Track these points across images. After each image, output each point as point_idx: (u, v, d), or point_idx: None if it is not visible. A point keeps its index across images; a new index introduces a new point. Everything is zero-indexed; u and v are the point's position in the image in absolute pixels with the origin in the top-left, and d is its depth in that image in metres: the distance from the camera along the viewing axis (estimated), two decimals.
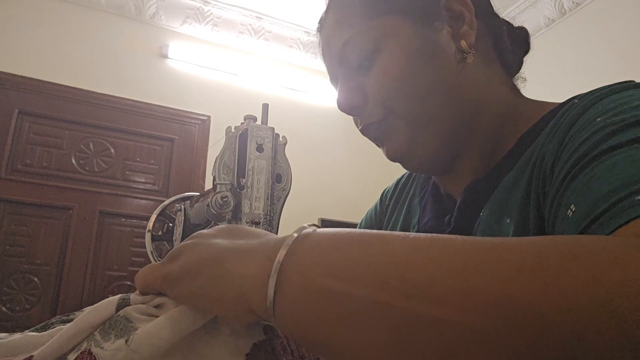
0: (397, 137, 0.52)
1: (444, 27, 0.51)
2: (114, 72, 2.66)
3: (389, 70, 0.49)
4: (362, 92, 0.52)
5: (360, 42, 0.51)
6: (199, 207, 0.58)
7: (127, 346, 0.30)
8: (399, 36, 0.50)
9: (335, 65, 0.55)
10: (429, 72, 0.49)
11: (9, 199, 2.29)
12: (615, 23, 2.50)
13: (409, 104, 0.49)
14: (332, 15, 0.56)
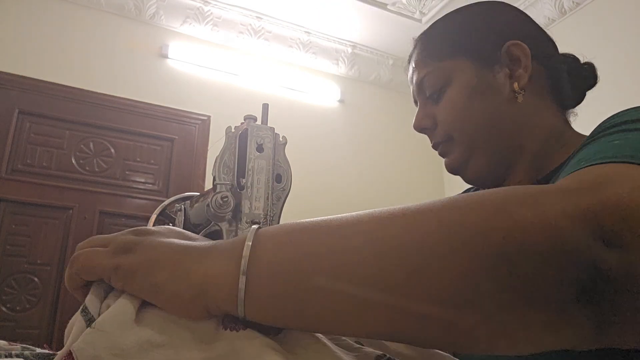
0: (455, 156, 0.66)
1: (502, 69, 0.62)
2: (114, 72, 2.66)
3: (452, 104, 0.63)
4: (432, 118, 0.67)
5: (432, 79, 0.65)
6: (199, 207, 0.58)
7: (93, 329, 0.30)
8: (463, 76, 0.63)
9: (415, 92, 0.70)
10: (484, 107, 0.61)
11: (9, 199, 2.29)
12: (615, 23, 2.50)
13: (465, 133, 0.63)
14: (417, 53, 0.70)
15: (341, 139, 3.20)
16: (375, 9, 2.93)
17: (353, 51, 3.28)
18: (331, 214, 1.26)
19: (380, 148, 3.32)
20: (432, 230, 0.29)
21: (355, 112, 3.32)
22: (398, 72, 3.45)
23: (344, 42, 3.24)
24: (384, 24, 3.08)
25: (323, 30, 3.14)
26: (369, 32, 3.16)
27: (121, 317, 0.31)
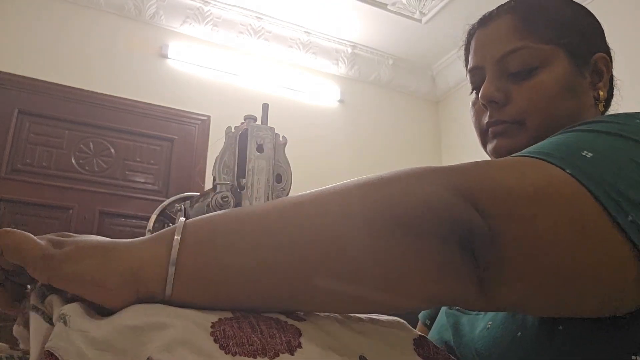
0: (516, 141, 0.61)
1: (587, 75, 0.62)
2: (114, 72, 2.66)
3: (542, 88, 0.60)
4: (505, 93, 0.62)
5: (527, 56, 0.61)
6: (199, 207, 0.58)
7: (67, 327, 0.31)
8: (559, 66, 0.61)
9: (490, 60, 0.64)
10: (571, 103, 0.60)
11: (9, 199, 2.29)
12: (615, 23, 2.50)
13: (544, 121, 0.60)
14: (509, 20, 0.64)
15: (341, 139, 3.20)
16: (375, 9, 2.93)
17: (353, 51, 3.28)
18: None
19: (380, 148, 3.32)
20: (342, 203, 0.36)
21: (355, 112, 3.32)
22: (398, 72, 3.45)
23: (344, 42, 3.24)
24: (384, 24, 3.08)
25: (323, 30, 3.14)
26: (369, 32, 3.16)
27: (86, 310, 0.32)
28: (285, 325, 0.35)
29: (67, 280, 0.33)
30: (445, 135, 3.55)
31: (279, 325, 0.35)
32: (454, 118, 3.47)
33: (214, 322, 0.33)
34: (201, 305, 0.34)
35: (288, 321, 0.36)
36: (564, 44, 0.61)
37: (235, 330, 0.33)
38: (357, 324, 0.40)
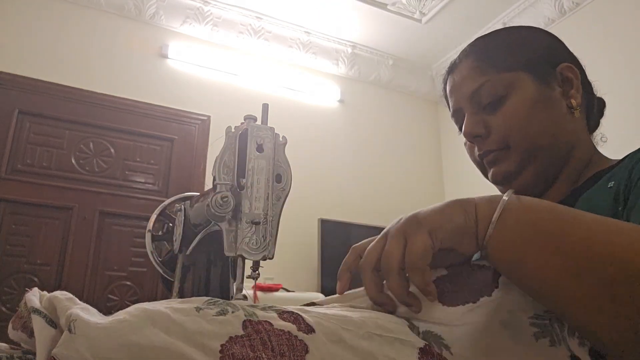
0: (507, 165, 0.66)
1: (557, 87, 0.67)
2: (114, 72, 2.66)
3: (514, 112, 0.65)
4: (485, 126, 0.67)
5: (491, 87, 0.66)
6: (199, 207, 0.58)
7: (74, 334, 0.31)
8: (525, 87, 0.66)
9: (464, 101, 0.70)
10: (544, 117, 0.65)
11: (9, 199, 2.29)
12: (615, 23, 2.50)
13: (525, 141, 0.64)
14: (470, 62, 0.70)
15: (341, 139, 3.20)
16: (375, 9, 2.93)
17: (353, 51, 3.28)
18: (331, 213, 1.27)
19: (380, 148, 3.32)
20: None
21: (355, 112, 3.32)
22: (398, 72, 3.46)
23: (343, 42, 3.24)
24: (384, 24, 3.08)
25: (323, 31, 3.14)
26: (369, 32, 3.16)
27: (93, 322, 0.32)
28: (295, 341, 0.35)
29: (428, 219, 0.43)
30: (445, 136, 3.55)
31: (289, 341, 0.35)
32: None
33: (223, 343, 0.33)
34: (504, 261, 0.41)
35: (298, 335, 0.36)
36: (523, 67, 0.66)
37: (245, 351, 0.33)
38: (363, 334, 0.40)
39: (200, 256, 0.61)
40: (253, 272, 0.51)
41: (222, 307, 0.37)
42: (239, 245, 0.48)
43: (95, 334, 0.31)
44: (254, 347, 0.34)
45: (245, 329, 0.35)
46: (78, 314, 0.32)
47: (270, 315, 0.38)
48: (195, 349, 0.32)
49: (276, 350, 0.34)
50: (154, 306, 0.35)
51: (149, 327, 0.32)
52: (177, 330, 0.33)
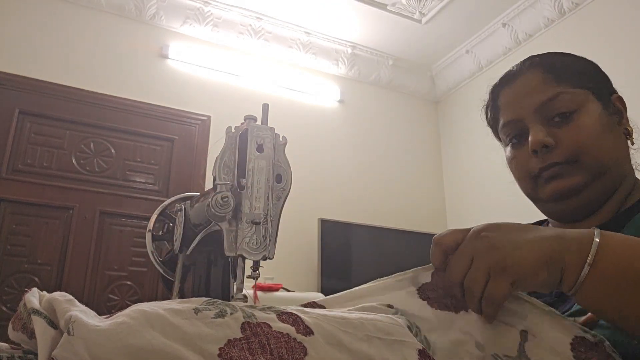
0: (574, 180, 0.65)
1: (613, 114, 0.69)
2: (115, 72, 2.67)
3: (587, 128, 0.65)
4: (553, 137, 0.66)
5: (566, 100, 0.66)
6: (199, 207, 0.58)
7: (73, 336, 0.31)
8: (593, 107, 0.66)
9: (529, 111, 0.68)
10: (612, 139, 0.66)
11: (9, 199, 2.29)
12: (614, 23, 2.50)
13: (596, 158, 0.65)
14: (537, 73, 0.69)
15: (341, 139, 3.20)
16: (375, 10, 2.93)
17: (353, 51, 3.28)
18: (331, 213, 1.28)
19: (380, 148, 3.32)
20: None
21: (355, 113, 3.32)
22: (398, 73, 3.46)
23: (343, 43, 3.24)
24: (383, 25, 3.08)
25: (323, 31, 3.14)
26: (369, 33, 3.16)
27: (91, 324, 0.32)
28: (293, 344, 0.35)
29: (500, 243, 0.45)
30: (445, 136, 3.55)
31: (288, 344, 0.35)
32: (453, 118, 3.47)
33: (221, 347, 0.33)
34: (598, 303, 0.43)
35: (297, 337, 0.36)
36: (591, 88, 0.67)
37: (244, 354, 0.33)
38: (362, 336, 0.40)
39: (200, 256, 0.61)
40: (253, 272, 0.51)
41: (221, 308, 0.37)
42: (239, 245, 0.48)
43: (94, 336, 0.31)
44: (252, 350, 0.34)
45: (243, 332, 0.35)
46: (77, 316, 0.32)
47: (269, 317, 0.38)
48: (193, 353, 0.32)
49: (275, 353, 0.34)
50: (152, 308, 0.35)
51: (148, 330, 0.33)
52: (176, 333, 0.33)
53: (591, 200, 0.66)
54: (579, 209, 0.68)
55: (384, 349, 0.40)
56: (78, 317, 0.32)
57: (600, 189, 0.65)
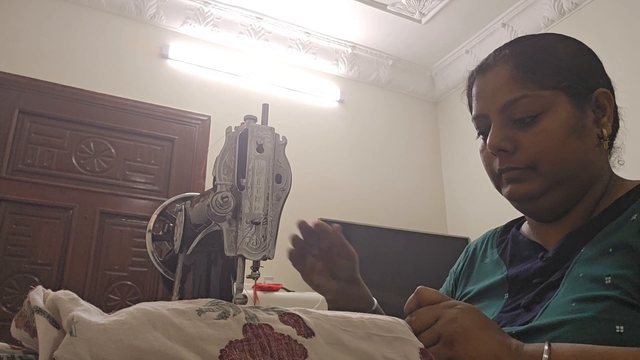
0: (530, 186, 0.64)
1: (590, 113, 0.65)
2: (115, 72, 2.67)
3: (548, 134, 0.62)
4: (513, 141, 0.64)
5: (529, 104, 0.63)
6: (200, 207, 0.58)
7: (75, 337, 0.31)
8: (562, 109, 0.63)
9: (493, 109, 0.66)
10: (576, 146, 0.63)
11: (10, 199, 2.29)
12: (614, 24, 2.50)
13: (554, 166, 0.62)
14: (508, 69, 0.66)
15: (341, 139, 3.20)
16: (375, 10, 2.94)
17: (353, 52, 3.28)
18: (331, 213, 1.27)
19: (380, 148, 3.32)
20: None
21: (355, 113, 3.32)
22: (398, 73, 3.46)
23: (343, 43, 3.24)
24: (383, 25, 3.08)
25: (323, 31, 3.14)
26: (369, 33, 3.16)
27: (94, 322, 0.32)
28: (294, 346, 0.36)
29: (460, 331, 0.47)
30: (444, 136, 3.55)
31: (289, 346, 0.35)
32: (452, 118, 3.47)
33: (222, 348, 0.33)
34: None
35: (298, 339, 0.36)
36: (564, 87, 0.64)
37: (244, 355, 0.33)
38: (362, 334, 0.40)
39: (200, 256, 0.61)
40: (253, 272, 0.51)
41: (224, 309, 0.37)
42: (239, 245, 0.48)
43: (96, 337, 0.31)
44: (253, 352, 0.34)
45: (245, 333, 0.35)
46: (80, 316, 0.32)
47: (272, 318, 0.38)
48: (194, 354, 0.32)
49: (275, 355, 0.34)
50: (156, 308, 0.35)
51: (150, 330, 0.33)
52: (178, 334, 0.33)
53: (554, 205, 0.65)
54: (542, 213, 0.67)
55: (384, 346, 0.40)
56: (81, 318, 0.32)
57: (560, 195, 0.64)
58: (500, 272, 0.72)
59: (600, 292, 0.53)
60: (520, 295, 0.64)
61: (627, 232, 0.57)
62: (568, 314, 0.53)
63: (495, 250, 0.77)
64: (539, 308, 0.59)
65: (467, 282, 0.80)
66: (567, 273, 0.59)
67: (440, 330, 0.47)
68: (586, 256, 0.59)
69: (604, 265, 0.55)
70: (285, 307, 0.41)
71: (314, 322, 0.39)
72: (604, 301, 0.52)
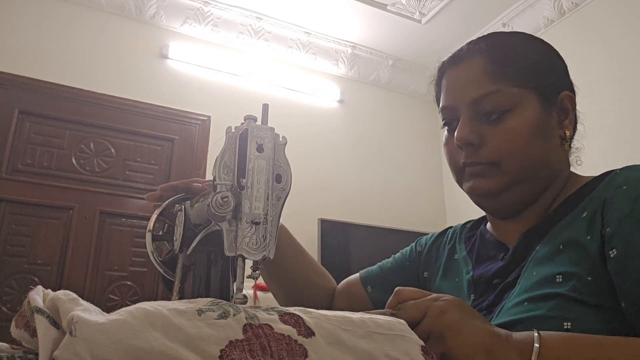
0: (492, 182, 0.64)
1: (554, 114, 0.66)
2: (115, 72, 2.67)
3: (515, 132, 0.63)
4: (480, 135, 0.64)
5: (499, 99, 0.63)
6: (199, 207, 0.58)
7: (75, 337, 0.31)
8: (530, 109, 0.64)
9: (463, 102, 0.66)
10: (540, 145, 0.64)
11: (9, 199, 2.29)
12: (614, 24, 2.50)
13: (517, 164, 0.63)
14: (481, 62, 0.66)
15: (341, 139, 3.20)
16: (375, 10, 2.94)
17: (353, 52, 3.28)
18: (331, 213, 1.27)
19: (380, 148, 3.32)
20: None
21: (355, 113, 3.32)
22: (398, 73, 3.46)
23: (343, 43, 3.24)
24: (383, 25, 3.08)
25: (323, 31, 3.14)
26: (369, 33, 3.16)
27: (94, 321, 0.32)
28: (294, 346, 0.36)
29: (449, 324, 0.46)
30: None
31: (289, 346, 0.35)
32: None
33: (222, 348, 0.33)
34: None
35: (298, 339, 0.36)
36: (534, 87, 0.64)
37: (244, 355, 0.33)
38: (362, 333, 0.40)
39: (200, 256, 0.61)
40: (253, 272, 0.51)
41: (225, 309, 0.37)
42: (239, 245, 0.48)
43: (96, 337, 0.31)
44: (253, 351, 0.34)
45: (245, 333, 0.35)
46: (80, 316, 0.32)
47: (272, 318, 0.38)
48: (194, 354, 0.32)
49: (275, 356, 0.34)
50: (156, 308, 0.35)
51: (150, 330, 0.33)
52: (178, 334, 0.33)
53: (512, 203, 0.66)
54: (500, 210, 0.68)
55: (385, 343, 0.40)
56: (81, 317, 0.32)
57: (519, 193, 0.65)
58: (466, 272, 0.72)
59: (550, 289, 0.54)
60: (484, 298, 0.65)
61: (578, 230, 0.58)
62: (520, 314, 0.54)
63: (463, 247, 0.78)
64: (496, 310, 0.60)
65: (433, 274, 0.81)
66: (522, 272, 0.60)
67: (430, 326, 0.47)
68: (540, 254, 0.60)
69: (556, 263, 0.56)
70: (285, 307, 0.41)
71: (314, 322, 0.39)
72: (554, 299, 0.53)
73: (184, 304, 0.37)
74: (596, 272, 0.53)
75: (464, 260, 0.75)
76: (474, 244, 0.75)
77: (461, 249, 0.78)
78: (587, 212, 0.58)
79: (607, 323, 0.51)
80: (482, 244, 0.74)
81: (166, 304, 0.36)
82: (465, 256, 0.75)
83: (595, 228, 0.56)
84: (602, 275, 0.53)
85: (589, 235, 0.56)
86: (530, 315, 0.53)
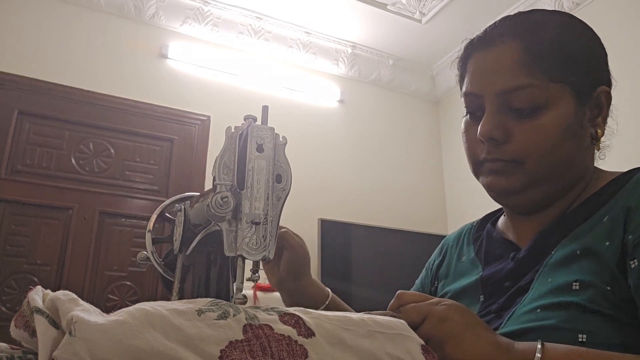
0: (512, 180, 0.60)
1: (588, 111, 0.61)
2: (114, 72, 2.66)
3: (545, 130, 0.58)
4: (505, 130, 0.59)
5: (534, 94, 0.58)
6: (199, 207, 0.58)
7: (74, 337, 0.31)
8: (564, 106, 0.58)
9: (491, 92, 0.60)
10: (572, 148, 0.60)
11: (9, 199, 2.29)
12: (614, 23, 2.50)
13: (542, 165, 0.59)
14: (515, 49, 0.60)
15: (341, 139, 3.20)
16: (375, 9, 2.93)
17: (353, 51, 3.28)
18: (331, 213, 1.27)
19: (380, 148, 3.32)
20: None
21: (355, 112, 3.32)
22: (398, 72, 3.45)
23: (343, 43, 3.24)
24: (383, 25, 3.08)
25: (323, 31, 3.14)
26: (369, 33, 3.16)
27: (93, 322, 0.32)
28: (294, 347, 0.36)
29: (448, 332, 0.46)
30: (445, 136, 3.55)
31: (289, 346, 0.35)
32: (453, 118, 3.46)
33: (222, 349, 0.33)
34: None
35: (298, 340, 0.36)
36: (571, 82, 0.59)
37: (244, 356, 0.33)
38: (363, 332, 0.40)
39: (200, 256, 0.61)
40: (253, 274, 0.51)
41: (224, 309, 0.37)
42: (239, 245, 0.48)
43: (95, 337, 0.31)
44: (253, 352, 0.34)
45: (245, 334, 0.35)
46: (79, 316, 0.32)
47: (272, 318, 0.38)
48: (194, 354, 0.32)
49: (275, 356, 0.34)
50: (155, 308, 0.35)
51: (149, 330, 0.33)
52: (177, 334, 0.33)
53: (533, 202, 0.62)
54: (519, 207, 0.65)
55: (386, 342, 0.40)
56: (80, 318, 0.32)
57: (542, 192, 0.61)
58: (476, 273, 0.70)
59: (565, 298, 0.51)
60: (493, 300, 0.63)
61: (597, 236, 0.55)
62: (532, 322, 0.52)
63: (472, 248, 0.75)
64: (507, 315, 0.57)
65: (445, 281, 0.78)
66: (537, 277, 0.57)
67: (430, 331, 0.46)
68: (556, 259, 0.57)
69: (573, 270, 0.54)
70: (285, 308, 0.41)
71: (315, 322, 0.39)
72: (568, 308, 0.50)
73: (183, 304, 0.37)
74: (615, 283, 0.50)
75: (473, 261, 0.73)
76: (482, 244, 0.73)
77: (469, 251, 0.75)
78: (608, 217, 0.55)
79: (624, 338, 0.48)
80: (489, 243, 0.71)
81: (166, 304, 0.36)
82: (474, 258, 0.73)
83: (615, 235, 0.53)
84: (621, 286, 0.50)
85: (607, 241, 0.53)
86: (542, 325, 0.51)
